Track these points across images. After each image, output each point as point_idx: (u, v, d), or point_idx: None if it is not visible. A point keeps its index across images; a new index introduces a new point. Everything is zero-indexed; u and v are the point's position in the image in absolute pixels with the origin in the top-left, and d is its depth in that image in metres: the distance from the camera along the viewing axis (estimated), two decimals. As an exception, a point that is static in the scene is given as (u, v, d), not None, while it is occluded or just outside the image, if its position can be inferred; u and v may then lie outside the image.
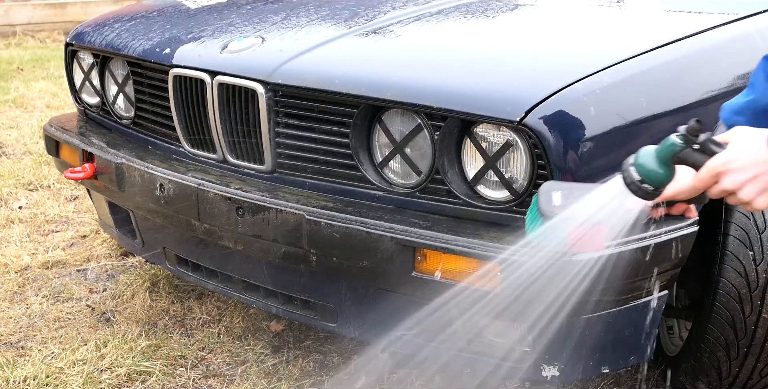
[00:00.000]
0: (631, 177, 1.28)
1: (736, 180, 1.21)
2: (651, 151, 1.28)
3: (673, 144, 1.25)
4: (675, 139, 1.25)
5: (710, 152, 1.24)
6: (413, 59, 1.90)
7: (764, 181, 1.20)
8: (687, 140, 1.25)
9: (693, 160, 1.25)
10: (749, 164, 1.20)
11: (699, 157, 1.24)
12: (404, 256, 1.69)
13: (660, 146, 1.27)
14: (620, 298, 1.71)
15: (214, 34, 2.16)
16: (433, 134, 1.72)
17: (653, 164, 1.27)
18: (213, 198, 1.93)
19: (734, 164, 1.21)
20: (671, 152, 1.26)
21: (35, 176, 3.78)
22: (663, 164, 1.27)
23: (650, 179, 1.27)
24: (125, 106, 2.39)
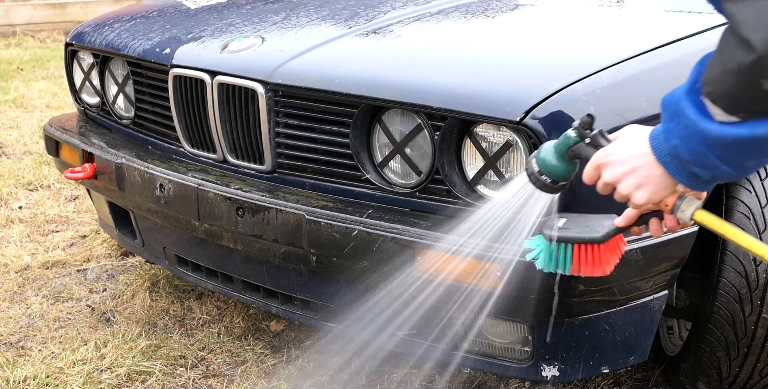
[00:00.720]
0: (531, 169, 1.31)
1: (614, 173, 1.22)
2: (551, 144, 1.31)
3: (567, 137, 1.28)
4: (569, 132, 1.28)
5: (600, 146, 1.26)
6: (413, 59, 1.90)
7: (640, 175, 1.20)
8: (580, 134, 1.27)
9: (585, 154, 1.27)
10: (627, 157, 1.21)
11: (590, 151, 1.27)
12: (404, 256, 1.69)
13: (558, 140, 1.30)
14: (620, 298, 1.71)
15: (214, 34, 2.16)
16: (433, 134, 1.72)
17: (551, 157, 1.30)
18: (213, 198, 1.93)
19: (613, 157, 1.23)
20: (566, 145, 1.28)
21: (35, 176, 3.78)
22: (560, 158, 1.29)
23: (548, 172, 1.30)
24: (125, 106, 2.39)
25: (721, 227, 1.23)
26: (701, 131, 1.08)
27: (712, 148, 1.08)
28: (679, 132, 1.11)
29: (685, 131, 1.10)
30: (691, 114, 1.09)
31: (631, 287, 1.69)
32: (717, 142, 1.07)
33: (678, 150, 1.13)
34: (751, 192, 1.83)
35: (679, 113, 1.11)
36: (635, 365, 2.02)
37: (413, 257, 1.68)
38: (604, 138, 1.27)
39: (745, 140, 1.05)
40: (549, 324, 1.70)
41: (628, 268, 1.64)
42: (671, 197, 1.23)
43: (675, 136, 1.12)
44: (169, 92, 2.11)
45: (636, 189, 1.21)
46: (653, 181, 1.19)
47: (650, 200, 1.22)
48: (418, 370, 2.24)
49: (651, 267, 1.68)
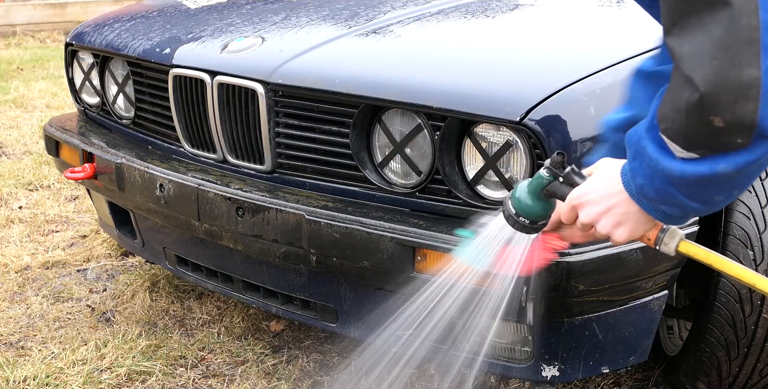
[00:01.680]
0: (508, 211, 1.28)
1: (591, 213, 1.18)
2: (525, 185, 1.27)
3: (540, 178, 1.25)
4: (542, 172, 1.25)
5: (574, 184, 1.23)
6: (413, 59, 1.90)
7: (618, 213, 1.16)
8: (553, 174, 1.24)
9: (561, 192, 1.24)
10: (601, 196, 1.17)
11: (566, 189, 1.23)
12: (404, 256, 1.69)
13: (531, 180, 1.27)
14: (620, 298, 1.71)
15: (214, 34, 2.16)
16: (433, 134, 1.72)
17: (527, 198, 1.26)
18: (213, 198, 1.93)
19: (587, 197, 1.19)
20: (540, 186, 1.25)
21: (35, 176, 3.78)
22: (535, 198, 1.26)
23: (525, 213, 1.26)
24: (125, 106, 2.39)
25: (707, 258, 1.20)
26: (663, 170, 1.05)
27: (677, 186, 1.06)
28: (643, 171, 1.09)
29: (648, 170, 1.08)
30: (651, 152, 1.06)
31: (631, 287, 1.69)
32: (680, 181, 1.05)
33: (644, 189, 1.11)
34: (751, 192, 1.83)
35: (641, 152, 1.09)
36: (635, 365, 2.02)
37: (413, 257, 1.68)
38: (578, 176, 1.24)
39: (707, 177, 1.03)
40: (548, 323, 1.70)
41: (629, 268, 1.65)
42: (653, 231, 1.20)
43: (640, 175, 1.10)
44: (169, 92, 2.11)
45: (615, 228, 1.18)
46: (631, 218, 1.16)
47: (631, 236, 1.19)
48: (418, 370, 2.24)
49: (651, 267, 1.68)
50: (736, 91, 0.95)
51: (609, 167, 1.19)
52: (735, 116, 0.96)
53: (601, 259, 1.60)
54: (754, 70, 0.94)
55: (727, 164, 1.00)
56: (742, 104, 0.95)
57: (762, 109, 0.94)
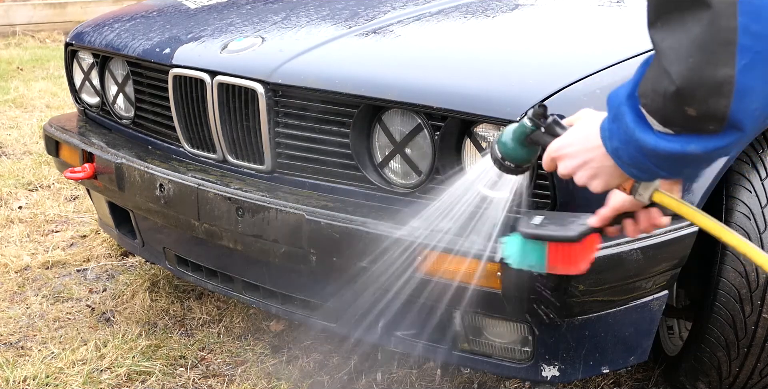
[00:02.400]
0: (495, 155, 1.34)
1: (568, 166, 1.25)
2: (510, 130, 1.33)
3: (523, 126, 1.31)
4: (525, 122, 1.31)
5: (556, 135, 1.29)
6: (413, 59, 1.90)
7: (593, 167, 1.22)
8: (535, 124, 1.30)
9: (543, 141, 1.30)
10: (579, 150, 1.23)
11: (548, 138, 1.30)
12: (404, 256, 1.69)
13: (516, 127, 1.32)
14: (620, 298, 1.71)
15: (214, 34, 2.16)
16: (433, 134, 1.72)
17: (512, 143, 1.32)
18: (213, 198, 1.93)
19: (566, 150, 1.25)
20: (523, 134, 1.31)
21: (35, 176, 3.78)
22: (519, 144, 1.32)
23: (510, 157, 1.33)
24: (125, 106, 2.39)
25: (679, 208, 1.24)
26: (637, 140, 1.10)
27: (648, 157, 1.11)
28: (620, 136, 1.14)
29: (624, 136, 1.13)
30: (629, 121, 1.11)
31: (631, 287, 1.69)
32: (652, 153, 1.10)
33: (619, 152, 1.15)
34: (751, 192, 1.83)
35: (620, 117, 1.13)
36: (635, 365, 2.02)
37: (413, 257, 1.68)
38: (560, 126, 1.29)
39: (677, 154, 1.08)
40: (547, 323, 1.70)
41: (629, 268, 1.64)
42: (628, 182, 1.25)
43: (616, 139, 1.15)
44: (169, 92, 2.11)
45: (591, 179, 1.23)
46: (606, 171, 1.21)
47: (607, 187, 1.25)
48: (417, 370, 2.24)
49: (651, 267, 1.68)
50: (710, 88, 0.99)
51: (589, 120, 1.25)
52: (708, 108, 1.01)
53: (601, 259, 1.60)
54: (729, 69, 0.98)
55: (697, 146, 1.06)
56: (715, 99, 1.00)
57: (734, 104, 0.99)
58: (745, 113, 1.01)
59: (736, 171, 1.84)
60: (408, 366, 2.25)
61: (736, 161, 1.83)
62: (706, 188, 1.72)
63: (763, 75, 0.99)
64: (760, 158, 1.86)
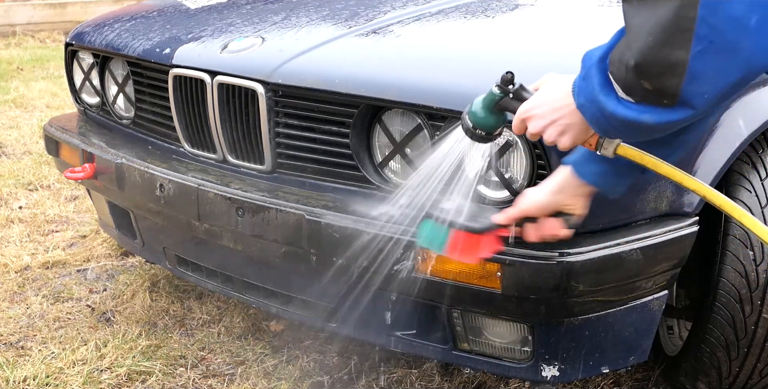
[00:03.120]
0: (466, 124, 1.41)
1: (538, 125, 1.33)
2: (479, 100, 1.41)
3: (492, 94, 1.39)
4: (493, 89, 1.39)
5: (523, 99, 1.37)
6: (413, 59, 1.90)
7: (562, 124, 1.31)
8: (503, 91, 1.38)
9: (512, 107, 1.37)
10: (547, 110, 1.32)
11: (516, 104, 1.37)
12: (404, 256, 1.69)
13: (485, 96, 1.40)
14: (620, 298, 1.71)
15: (214, 34, 2.16)
16: (433, 134, 1.72)
17: (482, 112, 1.40)
18: (213, 198, 1.93)
19: (534, 111, 1.34)
20: (492, 101, 1.39)
21: (35, 176, 3.78)
22: (489, 112, 1.40)
23: (480, 125, 1.40)
24: (125, 106, 2.39)
25: (642, 159, 1.33)
26: (600, 102, 1.20)
27: (607, 119, 1.21)
28: (586, 95, 1.23)
29: (590, 96, 1.22)
30: (596, 84, 1.20)
31: (631, 287, 1.69)
32: (610, 116, 1.20)
33: (583, 109, 1.25)
34: (751, 192, 1.83)
35: (589, 78, 1.22)
36: (635, 365, 2.02)
37: (413, 257, 1.68)
38: (526, 91, 1.37)
39: (632, 122, 1.17)
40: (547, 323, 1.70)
41: (629, 268, 1.65)
42: (594, 137, 1.33)
43: (583, 96, 1.24)
44: (169, 92, 2.11)
45: (560, 136, 1.32)
46: (574, 128, 1.31)
47: (574, 143, 1.33)
48: (418, 370, 2.24)
49: (651, 267, 1.68)
50: (664, 67, 1.10)
51: (555, 82, 1.34)
52: (661, 84, 1.11)
53: (601, 259, 1.60)
54: (684, 53, 1.08)
55: (651, 116, 1.16)
56: (668, 77, 1.10)
57: (685, 84, 1.09)
58: (695, 94, 1.10)
59: (736, 171, 1.84)
60: (408, 366, 2.25)
61: (736, 161, 1.83)
62: (706, 188, 1.72)
63: (714, 63, 1.08)
64: (760, 158, 1.86)
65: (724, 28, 1.06)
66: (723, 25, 1.06)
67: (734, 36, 1.06)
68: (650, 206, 1.69)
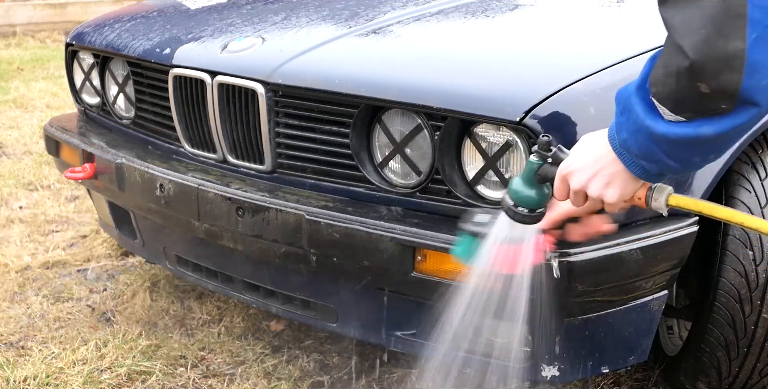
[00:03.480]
0: (506, 204, 1.33)
1: (581, 180, 1.26)
2: (518, 176, 1.33)
3: (531, 163, 1.30)
4: (532, 158, 1.30)
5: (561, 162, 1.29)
6: (413, 59, 1.90)
7: (605, 175, 1.24)
8: (542, 157, 1.30)
9: (552, 174, 1.29)
10: (588, 162, 1.25)
11: (556, 170, 1.29)
12: (404, 256, 1.69)
13: (523, 170, 1.32)
14: (620, 298, 1.71)
15: (214, 34, 2.16)
16: (433, 134, 1.72)
17: (522, 187, 1.31)
18: (213, 198, 1.93)
19: (575, 166, 1.27)
20: (532, 171, 1.30)
21: (35, 176, 3.78)
22: (530, 185, 1.31)
23: (523, 202, 1.32)
24: (125, 106, 2.39)
25: (697, 206, 1.26)
26: (647, 127, 1.12)
27: (659, 144, 1.13)
28: (629, 126, 1.16)
29: (633, 126, 1.15)
30: (639, 111, 1.13)
31: (631, 287, 1.69)
32: (662, 139, 1.12)
33: (628, 143, 1.18)
34: (751, 192, 1.83)
35: (630, 108, 1.15)
36: (635, 365, 2.02)
37: (413, 258, 1.68)
38: (565, 153, 1.29)
39: (689, 138, 1.10)
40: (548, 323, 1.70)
41: (629, 268, 1.65)
42: (642, 190, 1.26)
43: (625, 130, 1.17)
44: (169, 92, 2.11)
45: (605, 189, 1.24)
46: (619, 177, 1.23)
47: (622, 196, 1.25)
48: (417, 370, 2.24)
49: (651, 267, 1.68)
50: (722, 62, 1.01)
51: (592, 137, 1.27)
52: (720, 84, 1.02)
53: (601, 259, 1.60)
54: (740, 42, 1.00)
55: (710, 127, 1.08)
56: (727, 74, 1.02)
57: (745, 80, 1.01)
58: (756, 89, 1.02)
59: (735, 171, 1.84)
60: (408, 366, 2.25)
61: (736, 161, 1.83)
62: (705, 189, 1.73)
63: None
64: (760, 158, 1.86)
65: None
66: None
67: None
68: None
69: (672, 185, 1.68)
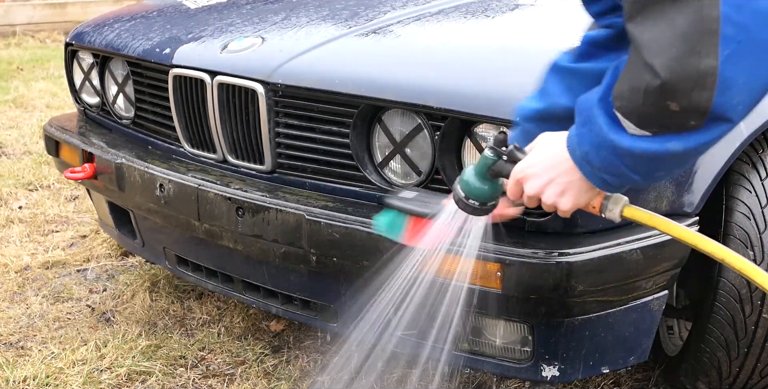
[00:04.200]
0: (458, 195, 1.31)
1: (535, 186, 1.22)
2: (471, 168, 1.31)
3: (485, 158, 1.28)
4: (486, 153, 1.28)
5: (518, 161, 1.26)
6: (413, 59, 1.90)
7: (561, 183, 1.20)
8: (496, 153, 1.27)
9: (506, 171, 1.27)
10: (545, 168, 1.21)
11: (510, 167, 1.27)
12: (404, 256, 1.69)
13: (477, 162, 1.29)
14: (620, 298, 1.71)
15: (214, 34, 2.16)
16: (433, 134, 1.72)
17: (474, 180, 1.29)
18: (213, 198, 1.93)
19: (530, 170, 1.23)
20: (485, 166, 1.28)
21: (35, 176, 3.78)
22: (483, 179, 1.29)
23: (474, 195, 1.30)
24: (125, 106, 2.39)
25: (651, 220, 1.23)
26: (611, 141, 1.09)
27: (622, 158, 1.10)
28: (591, 140, 1.12)
29: (596, 139, 1.11)
30: (602, 124, 1.10)
31: (631, 287, 1.69)
32: (626, 153, 1.09)
33: (589, 156, 1.14)
34: (751, 192, 1.83)
35: (592, 121, 1.11)
36: (635, 365, 2.02)
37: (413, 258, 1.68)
38: (521, 152, 1.27)
39: (655, 154, 1.06)
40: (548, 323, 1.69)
41: (629, 268, 1.64)
42: (597, 199, 1.23)
43: (587, 143, 1.13)
44: (169, 92, 2.11)
45: (559, 197, 1.21)
46: (574, 186, 1.19)
47: (576, 204, 1.22)
48: (417, 370, 2.23)
49: (651, 267, 1.68)
50: (694, 80, 0.98)
51: (550, 140, 1.23)
52: (691, 102, 1.00)
53: (601, 259, 1.60)
54: (713, 59, 0.97)
55: (678, 143, 1.05)
56: (699, 91, 0.99)
57: (717, 98, 0.99)
58: (727, 105, 0.99)
59: (736, 171, 1.84)
60: (408, 365, 2.25)
61: (736, 161, 1.83)
62: (705, 188, 1.72)
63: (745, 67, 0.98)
64: (760, 158, 1.86)
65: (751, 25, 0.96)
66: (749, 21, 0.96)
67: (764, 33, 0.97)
68: (650, 206, 1.69)
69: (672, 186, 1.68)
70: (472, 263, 1.49)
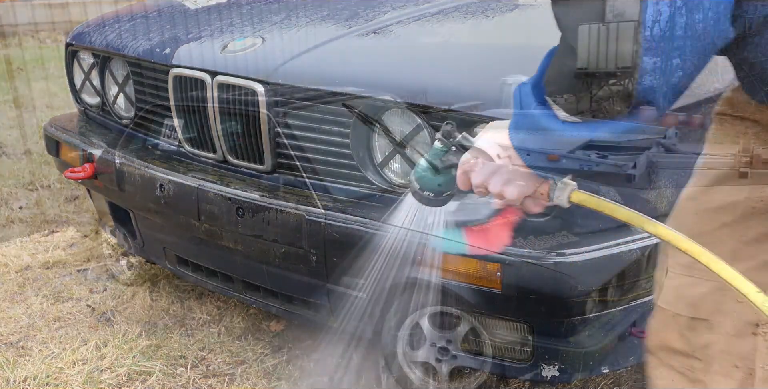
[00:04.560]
0: (413, 187, 1.31)
1: (481, 174, 1.21)
2: (423, 160, 1.30)
3: (435, 150, 1.28)
4: (436, 144, 1.28)
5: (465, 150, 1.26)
6: (413, 59, 1.90)
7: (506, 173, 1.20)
8: (445, 144, 1.27)
9: (457, 161, 1.27)
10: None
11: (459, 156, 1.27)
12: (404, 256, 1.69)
13: (428, 154, 1.29)
14: (620, 298, 1.71)
15: (214, 34, 2.16)
16: (433, 134, 1.72)
17: (427, 172, 1.29)
18: (213, 198, 1.93)
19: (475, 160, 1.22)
20: (436, 157, 1.28)
21: (35, 176, 3.78)
22: (435, 171, 1.29)
23: (428, 187, 1.30)
24: (125, 106, 2.39)
25: (599, 205, 1.22)
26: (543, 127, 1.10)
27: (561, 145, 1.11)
28: (526, 124, 1.13)
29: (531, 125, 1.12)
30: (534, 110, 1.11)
31: (631, 287, 1.69)
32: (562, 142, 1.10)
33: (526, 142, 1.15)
34: (751, 192, 1.82)
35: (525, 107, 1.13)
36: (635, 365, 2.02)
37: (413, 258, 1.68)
38: (468, 142, 1.26)
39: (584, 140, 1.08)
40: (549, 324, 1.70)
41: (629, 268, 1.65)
42: (544, 186, 1.23)
43: (523, 128, 1.14)
44: (169, 92, 2.11)
45: (505, 185, 1.20)
46: (518, 174, 1.19)
47: (522, 192, 1.21)
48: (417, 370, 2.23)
49: (651, 267, 1.68)
50: None
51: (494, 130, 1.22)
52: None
53: (601, 259, 1.60)
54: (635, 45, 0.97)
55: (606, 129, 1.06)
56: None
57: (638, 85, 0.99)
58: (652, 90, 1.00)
59: (736, 171, 1.84)
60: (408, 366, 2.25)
61: (736, 161, 1.83)
62: (706, 188, 1.72)
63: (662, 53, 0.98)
64: (760, 158, 1.86)
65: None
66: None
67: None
68: (650, 206, 1.69)
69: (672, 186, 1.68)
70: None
